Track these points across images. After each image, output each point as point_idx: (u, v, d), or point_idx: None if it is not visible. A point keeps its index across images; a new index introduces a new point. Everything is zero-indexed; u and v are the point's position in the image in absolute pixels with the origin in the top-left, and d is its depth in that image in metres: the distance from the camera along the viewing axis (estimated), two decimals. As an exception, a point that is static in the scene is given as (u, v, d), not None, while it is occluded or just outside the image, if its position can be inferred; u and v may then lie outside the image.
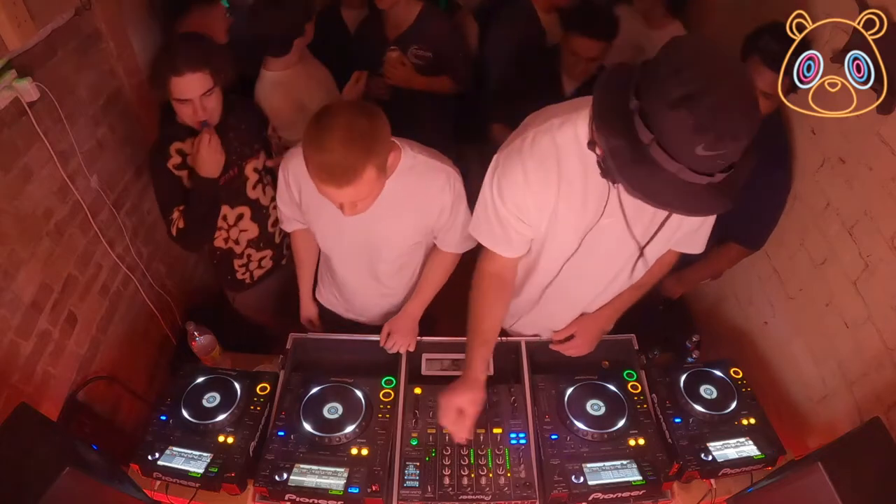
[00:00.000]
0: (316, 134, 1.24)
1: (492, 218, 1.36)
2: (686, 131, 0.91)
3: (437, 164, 1.50)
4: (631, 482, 1.39)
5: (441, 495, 1.38)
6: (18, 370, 1.53)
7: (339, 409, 1.50)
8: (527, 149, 1.25)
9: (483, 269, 1.46)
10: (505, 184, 1.30)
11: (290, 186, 1.58)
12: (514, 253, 1.42)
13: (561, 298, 1.58)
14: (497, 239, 1.39)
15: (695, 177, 0.95)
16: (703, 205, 1.02)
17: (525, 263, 1.51)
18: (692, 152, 0.92)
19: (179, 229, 1.79)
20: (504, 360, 1.69)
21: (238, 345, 1.96)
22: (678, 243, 1.46)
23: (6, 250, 1.49)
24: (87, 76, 1.82)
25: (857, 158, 1.55)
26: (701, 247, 1.48)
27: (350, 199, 1.32)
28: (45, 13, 1.51)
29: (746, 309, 2.15)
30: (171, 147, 1.75)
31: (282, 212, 1.72)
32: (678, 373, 1.62)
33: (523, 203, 1.30)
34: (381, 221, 1.52)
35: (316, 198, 1.51)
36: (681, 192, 0.98)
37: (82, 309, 1.81)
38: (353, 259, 1.68)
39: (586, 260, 1.40)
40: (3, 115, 1.46)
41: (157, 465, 1.41)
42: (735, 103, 0.91)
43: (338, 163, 1.23)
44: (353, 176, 1.25)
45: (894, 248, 1.41)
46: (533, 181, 1.26)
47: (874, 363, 1.49)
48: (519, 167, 1.26)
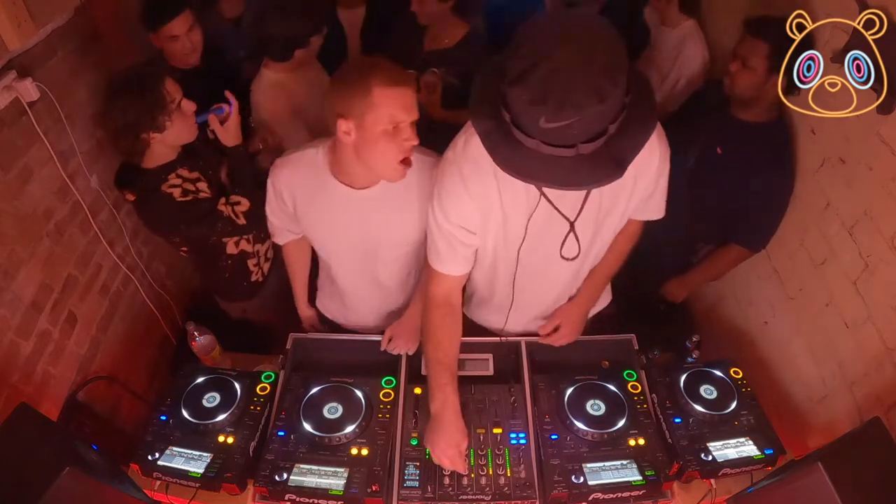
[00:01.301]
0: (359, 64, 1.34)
1: (436, 236, 1.37)
2: (526, 106, 0.91)
3: (429, 160, 1.50)
4: (631, 482, 1.39)
5: (441, 495, 1.38)
6: (18, 370, 1.53)
7: (339, 409, 1.50)
8: (460, 154, 1.26)
9: (433, 295, 1.46)
10: (445, 195, 1.30)
11: (283, 196, 1.55)
12: (459, 270, 1.43)
13: (532, 288, 1.57)
14: (442, 257, 1.40)
15: (556, 150, 0.94)
16: (576, 177, 1.00)
17: (485, 264, 1.51)
18: (537, 126, 0.92)
19: (245, 211, 1.79)
20: (504, 360, 1.69)
21: (238, 345, 1.96)
22: (635, 212, 1.43)
23: (6, 250, 1.49)
24: (87, 76, 1.82)
25: (857, 158, 1.55)
26: (660, 212, 1.46)
27: (414, 109, 1.33)
28: (45, 13, 1.52)
29: (746, 309, 2.15)
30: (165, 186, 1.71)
31: (273, 224, 1.69)
32: (678, 373, 1.62)
33: (465, 210, 1.30)
34: (382, 220, 1.52)
35: (313, 203, 1.52)
36: (550, 167, 0.97)
37: (82, 309, 1.81)
38: (353, 262, 1.67)
39: (537, 244, 1.39)
40: (3, 115, 1.46)
41: (157, 465, 1.41)
42: (572, 70, 0.89)
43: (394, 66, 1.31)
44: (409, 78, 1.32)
45: (894, 248, 1.41)
46: (471, 184, 1.26)
47: (874, 363, 1.49)
48: (456, 174, 1.27)
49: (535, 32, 0.95)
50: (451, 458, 1.35)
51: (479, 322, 1.78)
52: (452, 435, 1.36)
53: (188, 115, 1.68)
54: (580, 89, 0.89)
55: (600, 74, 0.90)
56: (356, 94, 1.27)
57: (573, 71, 0.89)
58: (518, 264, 1.45)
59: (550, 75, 0.89)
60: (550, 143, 0.94)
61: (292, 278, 1.91)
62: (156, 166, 1.72)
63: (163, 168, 1.73)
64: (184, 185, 1.74)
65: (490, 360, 1.70)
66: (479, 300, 1.72)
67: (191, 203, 1.73)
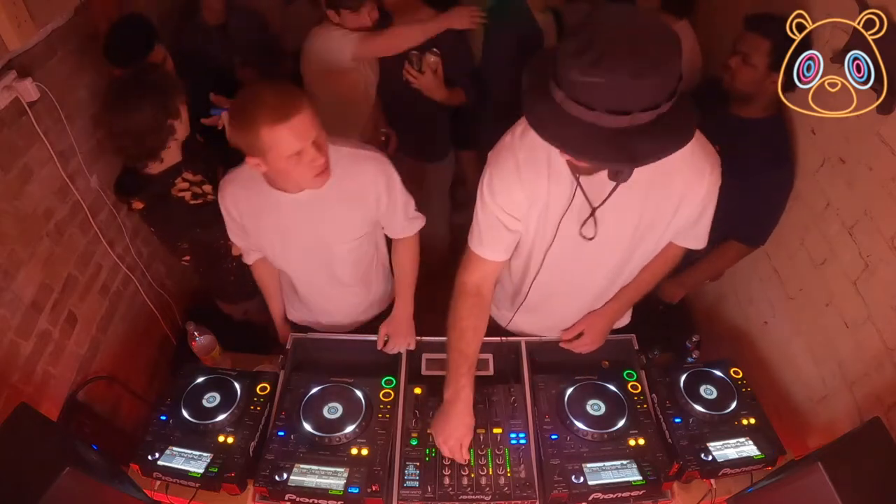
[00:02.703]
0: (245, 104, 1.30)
1: (481, 219, 1.37)
2: (585, 68, 0.91)
3: (362, 154, 1.50)
4: (631, 482, 1.39)
5: (441, 495, 1.38)
6: (18, 370, 1.53)
7: (339, 409, 1.50)
8: (517, 142, 1.26)
9: (465, 282, 1.44)
10: (496, 179, 1.30)
11: (231, 213, 1.58)
12: (498, 256, 1.42)
13: (547, 298, 1.58)
14: (484, 240, 1.39)
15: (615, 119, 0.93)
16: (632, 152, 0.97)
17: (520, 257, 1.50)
18: (596, 93, 0.92)
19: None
20: (504, 360, 1.69)
21: (238, 345, 1.96)
22: (676, 235, 1.43)
23: (6, 250, 1.49)
24: (87, 76, 1.82)
25: (857, 158, 1.55)
26: (701, 242, 1.46)
27: (312, 129, 1.32)
28: (45, 13, 1.52)
29: (746, 309, 2.15)
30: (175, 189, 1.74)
31: (238, 245, 1.71)
32: (678, 373, 1.62)
33: (515, 197, 1.30)
34: (325, 220, 1.53)
35: (256, 211, 1.54)
36: (604, 142, 0.96)
37: (82, 309, 1.81)
38: (309, 265, 1.67)
39: (564, 256, 1.39)
40: (3, 115, 1.46)
41: (157, 465, 1.41)
42: (628, 41, 0.91)
43: (279, 95, 1.28)
44: (299, 98, 1.29)
45: (894, 248, 1.41)
46: (525, 172, 1.26)
47: (874, 363, 1.49)
48: (511, 160, 1.26)
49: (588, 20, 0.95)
50: (451, 448, 1.38)
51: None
52: (457, 427, 1.38)
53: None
54: (636, 58, 0.90)
55: (654, 45, 0.92)
56: (249, 135, 1.29)
57: (629, 42, 0.91)
58: (542, 268, 1.45)
59: (609, 46, 0.90)
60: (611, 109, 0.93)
61: (266, 296, 1.91)
62: (161, 171, 1.73)
63: (169, 172, 1.74)
64: (192, 189, 1.75)
65: (490, 360, 1.70)
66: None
67: (202, 206, 1.75)
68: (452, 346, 1.43)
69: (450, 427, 1.39)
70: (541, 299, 1.58)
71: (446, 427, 1.39)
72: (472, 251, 1.42)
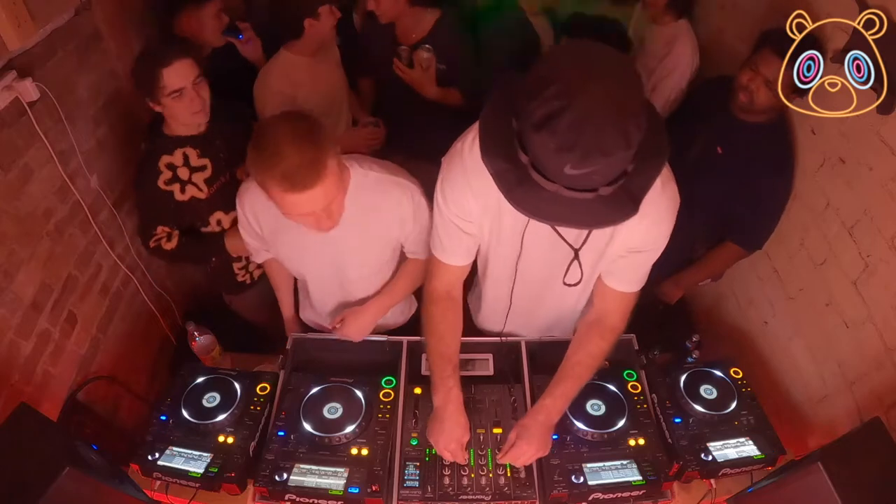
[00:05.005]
0: (263, 151, 1.22)
1: (439, 225, 1.37)
2: (551, 153, 0.87)
3: (389, 178, 1.49)
4: (631, 482, 1.39)
5: (441, 495, 1.38)
6: (18, 370, 1.53)
7: (339, 409, 1.50)
8: (467, 149, 1.24)
9: (434, 289, 1.45)
10: (447, 185, 1.29)
11: (249, 220, 1.56)
12: (461, 260, 1.41)
13: (530, 305, 1.57)
14: (445, 246, 1.39)
15: (577, 194, 0.91)
16: (594, 218, 0.98)
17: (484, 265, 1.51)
18: (562, 172, 0.89)
19: (167, 251, 1.83)
20: (504, 360, 1.69)
21: (238, 345, 1.96)
22: (605, 272, 1.37)
23: (6, 250, 1.49)
24: (87, 76, 1.82)
25: (857, 158, 1.55)
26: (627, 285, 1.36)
27: (321, 202, 1.29)
28: (45, 13, 1.52)
29: (746, 309, 2.15)
30: (161, 163, 1.74)
31: (249, 244, 1.70)
32: (678, 373, 1.62)
33: (466, 203, 1.29)
34: (344, 241, 1.52)
35: (275, 226, 1.53)
36: (569, 208, 0.94)
37: (82, 309, 1.81)
38: (324, 280, 1.67)
39: (537, 264, 1.38)
40: (3, 115, 1.46)
41: (157, 465, 1.41)
42: (600, 115, 0.85)
43: (297, 165, 1.20)
44: (318, 171, 1.23)
45: (894, 248, 1.41)
46: (473, 179, 1.24)
47: (874, 363, 1.49)
48: (460, 167, 1.25)
49: (557, 70, 0.89)
50: (452, 451, 1.38)
51: (480, 328, 1.78)
52: (453, 429, 1.38)
53: None
54: (610, 136, 0.86)
55: (629, 118, 0.86)
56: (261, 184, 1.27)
57: (604, 117, 0.85)
58: (517, 278, 1.45)
59: (580, 122, 0.84)
60: (572, 187, 0.91)
61: (277, 293, 1.90)
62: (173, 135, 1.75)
63: (175, 140, 1.75)
64: (177, 171, 1.76)
65: (490, 360, 1.70)
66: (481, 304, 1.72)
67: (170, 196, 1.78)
68: (433, 351, 1.43)
69: (447, 431, 1.38)
70: (527, 304, 1.58)
71: (443, 432, 1.38)
72: (435, 258, 1.43)
